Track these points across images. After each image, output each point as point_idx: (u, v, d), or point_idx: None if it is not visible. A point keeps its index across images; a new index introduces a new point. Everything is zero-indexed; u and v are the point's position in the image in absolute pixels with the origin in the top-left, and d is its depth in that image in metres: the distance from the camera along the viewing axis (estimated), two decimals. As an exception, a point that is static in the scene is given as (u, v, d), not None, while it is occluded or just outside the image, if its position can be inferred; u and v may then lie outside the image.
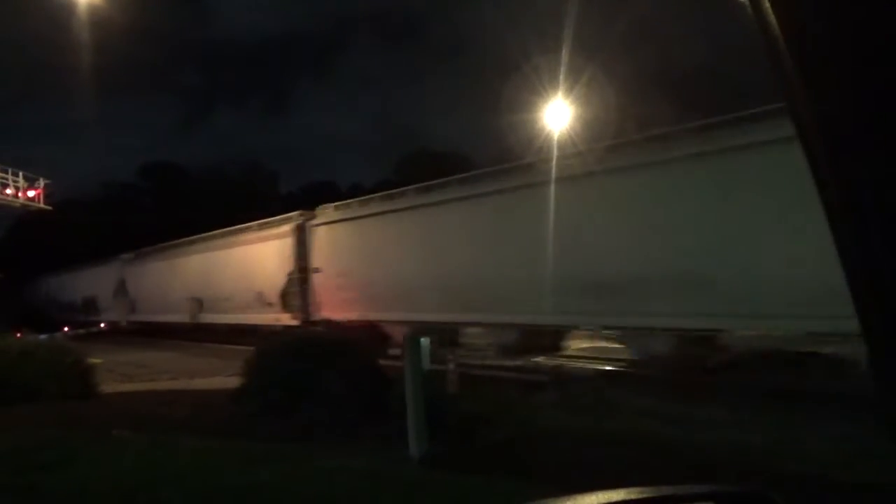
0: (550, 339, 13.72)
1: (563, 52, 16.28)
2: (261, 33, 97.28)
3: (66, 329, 27.13)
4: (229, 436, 7.71)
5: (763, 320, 9.00)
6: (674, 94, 17.36)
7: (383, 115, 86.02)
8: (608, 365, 12.48)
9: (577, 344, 14.14)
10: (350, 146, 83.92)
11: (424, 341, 7.97)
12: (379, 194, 17.64)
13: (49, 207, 23.32)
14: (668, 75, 18.19)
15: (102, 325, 32.15)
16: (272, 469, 6.12)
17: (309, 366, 8.31)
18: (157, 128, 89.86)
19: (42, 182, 22.65)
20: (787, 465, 5.57)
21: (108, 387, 12.34)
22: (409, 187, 16.11)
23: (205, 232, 23.91)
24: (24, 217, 34.38)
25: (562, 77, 16.61)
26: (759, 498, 1.52)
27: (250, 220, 21.55)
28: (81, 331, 27.91)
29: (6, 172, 20.91)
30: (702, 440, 6.51)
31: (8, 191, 21.11)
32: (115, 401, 11.09)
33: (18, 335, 18.62)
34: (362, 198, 18.47)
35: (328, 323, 16.83)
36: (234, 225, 22.33)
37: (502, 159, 16.07)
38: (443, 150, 41.38)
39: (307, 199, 30.14)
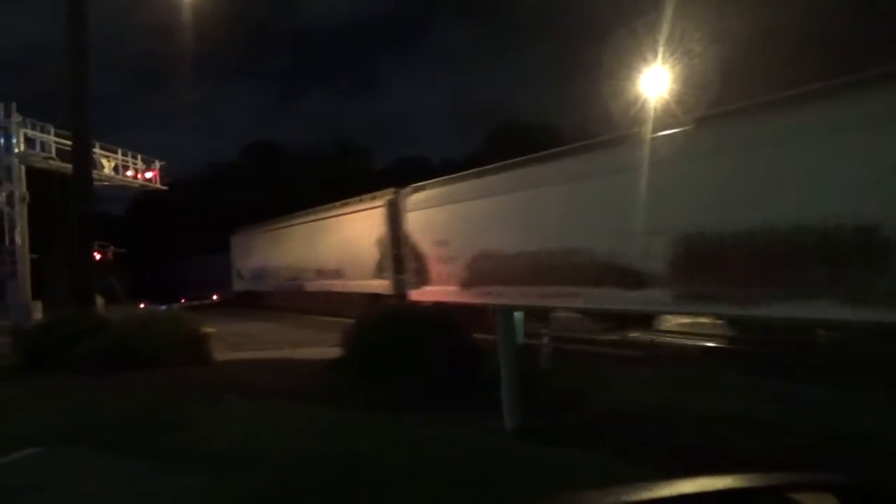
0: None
1: (663, 15, 15.52)
2: (348, 14, 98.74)
3: (182, 300, 29.04)
4: (329, 404, 8.04)
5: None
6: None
7: (471, 89, 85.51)
8: (708, 341, 12.02)
9: (674, 319, 13.68)
10: (440, 121, 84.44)
11: (518, 315, 7.95)
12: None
13: (164, 188, 24.86)
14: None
15: (214, 297, 34.20)
16: (369, 437, 6.35)
17: (406, 338, 8.48)
18: (256, 111, 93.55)
19: (157, 164, 24.17)
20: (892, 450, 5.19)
21: (220, 355, 13.12)
22: None
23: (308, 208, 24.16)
24: (142, 197, 36.89)
25: (661, 42, 15.88)
26: (882, 491, 1.40)
27: (347, 197, 21.79)
28: (195, 302, 29.78)
29: (126, 156, 22.47)
30: (802, 421, 6.17)
31: (128, 173, 22.67)
32: (226, 368, 11.78)
33: (141, 306, 20.19)
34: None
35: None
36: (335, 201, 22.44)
37: (594, 130, 15.59)
38: (532, 121, 40.63)
39: (400, 174, 30.56)
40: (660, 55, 16.24)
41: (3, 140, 18.25)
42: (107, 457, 6.48)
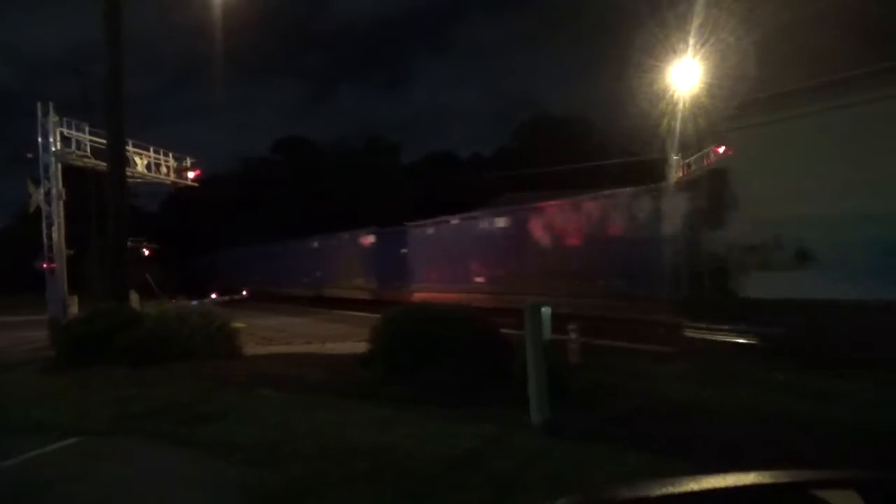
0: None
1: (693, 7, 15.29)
2: (378, 12, 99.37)
3: (213, 296, 29.51)
4: (358, 397, 8.12)
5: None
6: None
7: (499, 84, 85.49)
8: (741, 337, 11.83)
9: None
10: (468, 116, 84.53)
11: (545, 311, 7.93)
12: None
13: (195, 184, 25.18)
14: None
15: (244, 292, 34.69)
16: (398, 431, 6.40)
17: (433, 333, 8.52)
18: (285, 107, 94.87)
19: (188, 160, 24.52)
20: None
21: (251, 349, 13.32)
22: None
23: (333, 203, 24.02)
24: (174, 193, 37.49)
25: (692, 33, 15.66)
26: None
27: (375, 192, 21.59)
28: (227, 297, 30.24)
29: (158, 153, 22.86)
30: (838, 419, 6.05)
31: (161, 170, 23.08)
32: (257, 362, 11.95)
33: (174, 301, 20.58)
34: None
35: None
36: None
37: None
38: (562, 115, 40.39)
39: (428, 169, 30.63)
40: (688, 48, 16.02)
41: (40, 139, 18.72)
42: (143, 446, 6.64)
